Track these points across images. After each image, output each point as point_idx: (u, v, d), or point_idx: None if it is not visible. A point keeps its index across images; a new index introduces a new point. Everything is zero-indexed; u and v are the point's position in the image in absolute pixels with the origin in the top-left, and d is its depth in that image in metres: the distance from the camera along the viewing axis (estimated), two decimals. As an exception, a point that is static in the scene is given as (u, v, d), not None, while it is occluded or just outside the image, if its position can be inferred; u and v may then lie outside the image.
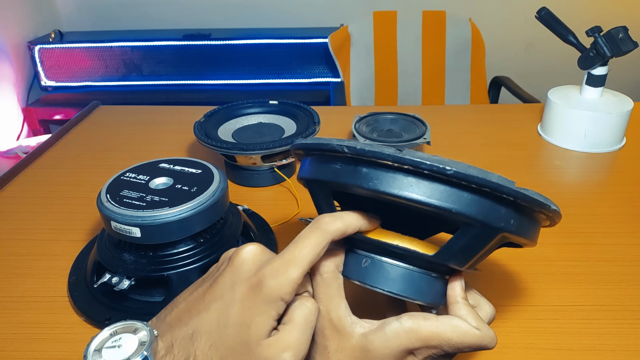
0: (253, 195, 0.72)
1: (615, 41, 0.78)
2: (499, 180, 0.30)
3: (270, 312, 0.31)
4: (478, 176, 0.29)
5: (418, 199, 0.31)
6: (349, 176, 0.33)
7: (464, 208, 0.31)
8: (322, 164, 0.35)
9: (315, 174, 0.36)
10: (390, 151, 0.30)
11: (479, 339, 0.33)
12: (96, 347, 0.31)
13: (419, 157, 0.30)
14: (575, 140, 0.84)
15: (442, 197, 0.31)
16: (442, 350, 0.33)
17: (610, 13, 2.04)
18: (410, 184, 0.31)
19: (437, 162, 0.29)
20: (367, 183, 0.32)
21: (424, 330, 0.33)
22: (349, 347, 0.34)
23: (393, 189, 0.31)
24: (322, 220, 0.33)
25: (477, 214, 0.31)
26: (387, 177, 0.31)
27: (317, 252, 0.32)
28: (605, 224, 0.64)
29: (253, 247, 0.33)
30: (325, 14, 2.07)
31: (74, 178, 0.78)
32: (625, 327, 0.49)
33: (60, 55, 1.90)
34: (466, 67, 1.59)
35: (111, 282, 0.49)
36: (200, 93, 1.92)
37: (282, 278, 0.31)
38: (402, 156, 0.30)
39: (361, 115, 0.81)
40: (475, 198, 0.31)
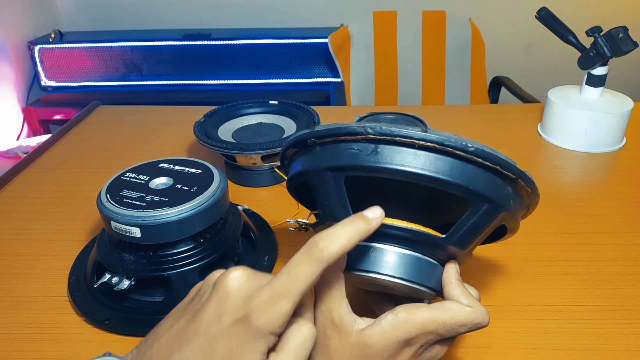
0: (253, 195, 0.72)
1: (615, 41, 0.78)
2: (507, 159, 0.32)
3: (259, 347, 0.29)
4: (493, 154, 0.31)
5: (440, 177, 0.32)
6: (369, 159, 0.32)
7: (479, 186, 0.32)
8: (333, 150, 0.34)
9: (327, 162, 0.34)
10: (415, 131, 0.31)
11: (471, 316, 0.34)
12: None
13: (442, 135, 0.30)
14: (575, 140, 0.84)
15: (462, 176, 0.32)
16: (439, 335, 0.34)
17: (610, 13, 2.04)
18: (432, 164, 0.32)
19: (460, 140, 0.31)
20: (390, 164, 0.32)
21: (418, 317, 0.33)
22: (349, 345, 0.34)
23: (416, 168, 0.32)
24: (316, 247, 0.29)
25: (489, 192, 0.32)
26: (410, 156, 0.32)
27: (310, 282, 0.29)
28: (605, 224, 0.64)
29: (238, 275, 0.29)
30: (325, 14, 2.07)
31: (74, 178, 0.78)
32: (625, 327, 0.49)
33: (60, 55, 1.90)
34: (466, 67, 1.59)
35: (111, 282, 0.49)
36: (200, 93, 1.92)
37: (271, 312, 0.28)
38: (428, 135, 0.30)
39: (361, 115, 0.81)
40: (488, 176, 0.33)
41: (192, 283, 0.49)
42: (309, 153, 0.37)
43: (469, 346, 0.47)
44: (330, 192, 0.36)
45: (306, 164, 0.37)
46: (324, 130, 0.34)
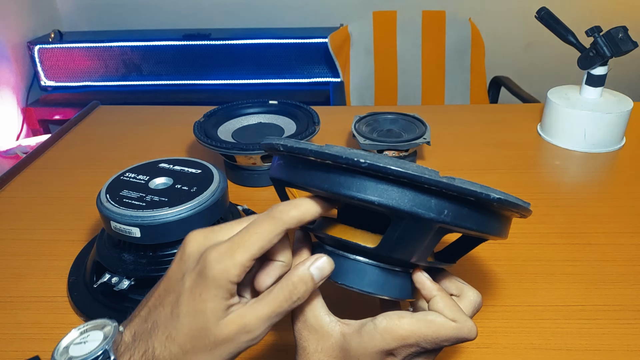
0: (253, 195, 0.72)
1: (615, 41, 0.78)
2: (417, 171, 0.29)
3: (220, 294, 0.31)
4: (393, 167, 0.29)
5: (346, 193, 0.31)
6: (287, 173, 0.34)
7: (386, 200, 0.30)
8: (278, 163, 0.36)
9: (273, 172, 0.37)
10: (313, 147, 0.31)
11: (455, 331, 0.33)
12: (65, 345, 0.33)
13: (336, 152, 0.30)
14: (575, 140, 0.84)
15: (367, 190, 0.31)
16: (421, 347, 0.33)
17: (610, 13, 2.04)
18: (337, 179, 0.31)
19: (353, 155, 0.29)
20: (302, 179, 0.33)
21: (399, 329, 0.32)
22: (329, 347, 0.34)
23: (323, 183, 0.32)
24: (276, 209, 0.32)
25: (402, 206, 0.30)
26: (317, 174, 0.32)
27: (268, 238, 0.31)
28: (605, 224, 0.64)
29: (195, 234, 0.33)
30: (325, 14, 2.07)
31: (74, 178, 0.78)
32: (625, 327, 0.49)
33: (59, 55, 1.90)
34: (466, 67, 1.59)
35: (111, 282, 0.49)
36: (200, 93, 1.92)
37: (228, 262, 0.30)
38: (322, 150, 0.30)
39: (361, 115, 0.81)
40: (398, 190, 0.30)
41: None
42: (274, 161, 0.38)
43: (469, 346, 0.47)
44: (281, 196, 0.38)
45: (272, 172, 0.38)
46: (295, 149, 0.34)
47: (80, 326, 0.34)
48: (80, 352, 0.31)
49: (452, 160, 0.82)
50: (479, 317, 0.50)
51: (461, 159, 0.82)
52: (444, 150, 0.84)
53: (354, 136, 0.75)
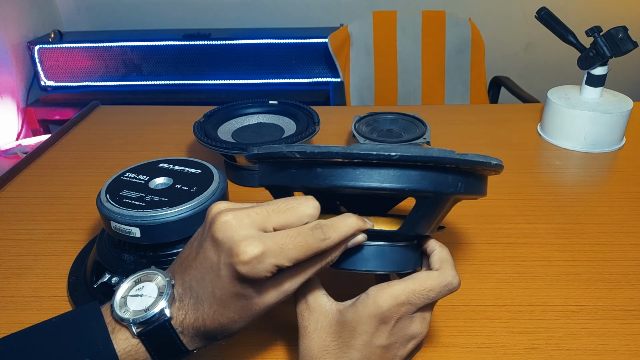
0: (253, 195, 0.72)
1: (615, 41, 0.78)
2: (440, 153, 0.33)
3: (259, 282, 0.33)
4: (420, 154, 0.32)
5: (374, 186, 0.33)
6: (305, 178, 0.35)
7: (415, 184, 0.34)
8: (278, 169, 0.37)
9: (275, 180, 0.37)
10: (338, 149, 0.32)
11: (438, 278, 0.36)
12: (122, 295, 0.35)
13: (365, 150, 0.32)
14: (575, 140, 0.84)
15: (394, 179, 0.33)
16: (411, 304, 0.35)
17: (610, 13, 2.04)
18: (363, 174, 0.33)
19: (383, 151, 0.32)
20: (324, 181, 0.34)
21: (388, 290, 0.35)
22: (327, 324, 0.36)
23: (348, 181, 0.33)
24: (321, 233, 0.33)
25: (428, 186, 0.34)
26: (341, 172, 0.34)
27: (307, 254, 0.32)
28: (605, 224, 0.64)
29: (227, 216, 0.32)
30: (325, 14, 2.07)
31: (74, 178, 0.78)
32: (625, 327, 0.49)
33: (59, 55, 1.90)
34: (466, 67, 1.59)
35: (111, 282, 0.49)
36: (200, 93, 1.92)
37: (266, 264, 0.31)
38: (350, 151, 0.32)
39: (361, 115, 0.81)
40: (422, 173, 0.34)
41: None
42: (262, 167, 0.39)
43: (469, 346, 0.47)
44: None
45: (260, 178, 0.40)
46: (263, 154, 0.37)
47: (133, 276, 0.36)
48: (139, 306, 0.34)
49: (452, 160, 0.82)
50: (479, 317, 0.50)
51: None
52: (444, 150, 0.84)
53: (354, 136, 0.75)
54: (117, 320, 0.34)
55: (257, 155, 0.37)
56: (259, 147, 0.37)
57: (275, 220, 0.33)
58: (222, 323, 0.34)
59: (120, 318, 0.34)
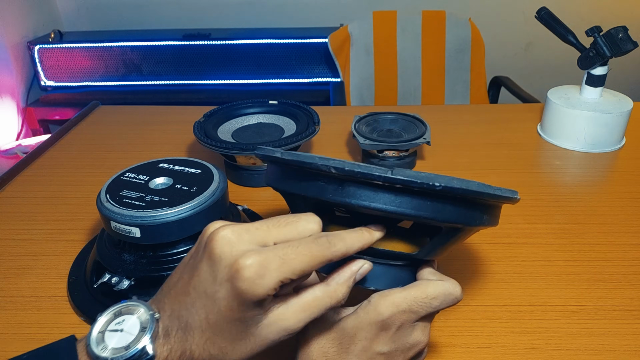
0: (253, 195, 0.72)
1: (615, 41, 0.78)
2: (480, 188, 0.32)
3: (259, 306, 0.30)
4: (462, 187, 0.31)
5: (408, 213, 0.32)
6: (335, 194, 0.33)
7: (450, 216, 0.33)
8: (303, 178, 0.35)
9: (295, 188, 0.35)
10: (379, 171, 0.31)
11: (441, 287, 0.35)
12: (100, 330, 0.32)
13: (408, 176, 0.31)
14: (575, 140, 0.84)
15: (431, 209, 0.33)
16: (413, 312, 0.34)
17: (610, 13, 2.04)
18: (400, 201, 0.32)
19: (427, 180, 0.31)
20: (357, 200, 0.33)
21: (390, 297, 0.34)
22: (326, 331, 0.35)
23: (383, 204, 0.32)
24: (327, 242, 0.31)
25: (462, 219, 0.34)
26: (376, 195, 0.32)
27: (312, 265, 0.30)
28: (605, 224, 0.64)
29: (226, 232, 0.30)
30: (325, 14, 2.07)
31: (74, 178, 0.78)
32: (625, 327, 0.49)
33: (59, 55, 1.90)
34: (466, 67, 1.59)
35: (111, 282, 0.49)
36: (200, 93, 1.92)
37: (267, 280, 0.29)
38: (394, 176, 0.31)
39: (361, 115, 0.81)
40: (459, 206, 0.33)
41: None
42: (279, 170, 0.37)
43: (469, 346, 0.47)
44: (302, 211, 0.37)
45: (278, 183, 0.37)
46: (290, 161, 0.34)
47: (112, 308, 0.33)
48: (118, 343, 0.31)
49: (452, 160, 0.82)
50: (479, 317, 0.50)
51: (461, 159, 0.82)
52: (444, 150, 0.84)
53: (354, 136, 0.75)
54: (93, 358, 0.31)
55: (282, 160, 0.35)
56: (282, 150, 0.35)
57: (276, 235, 0.31)
58: (212, 354, 0.31)
59: (96, 356, 0.30)
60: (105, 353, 0.30)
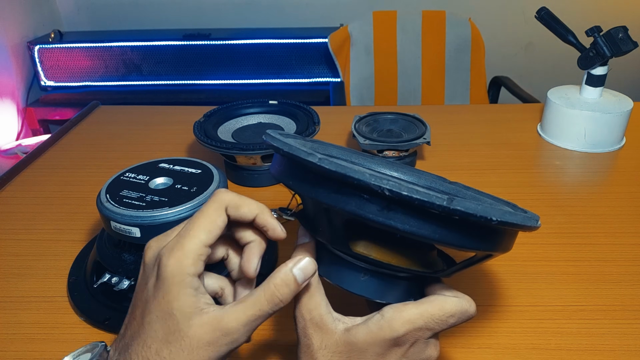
0: (253, 195, 0.72)
1: (615, 41, 0.78)
2: (525, 222, 0.31)
3: (183, 291, 0.30)
4: (517, 223, 0.31)
5: (454, 242, 0.31)
6: (379, 214, 0.30)
7: (491, 247, 0.32)
8: (339, 190, 0.31)
9: (330, 200, 0.31)
10: (439, 200, 0.28)
11: (458, 304, 0.34)
12: None
13: (468, 209, 0.29)
14: (575, 140, 0.84)
15: (476, 239, 0.32)
16: (429, 329, 0.33)
17: (610, 13, 2.04)
18: (448, 230, 0.30)
19: (483, 213, 0.29)
20: (403, 225, 0.30)
21: (406, 314, 0.33)
22: (333, 343, 0.34)
23: (430, 233, 0.30)
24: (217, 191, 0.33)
25: (500, 249, 0.33)
26: (425, 223, 0.30)
27: (211, 219, 0.32)
28: (605, 224, 0.64)
29: (151, 242, 0.33)
30: (325, 14, 2.07)
31: (74, 178, 0.78)
32: (625, 327, 0.49)
33: (59, 55, 1.90)
34: (466, 67, 1.59)
35: (111, 282, 0.49)
36: (200, 93, 1.92)
37: (178, 254, 0.30)
38: (454, 207, 0.28)
39: (361, 115, 0.81)
40: (502, 236, 0.33)
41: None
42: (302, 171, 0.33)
43: (470, 346, 0.47)
44: (325, 223, 0.34)
45: (301, 187, 0.34)
46: (330, 171, 0.30)
47: (74, 352, 0.34)
48: None
49: (452, 160, 0.82)
50: (479, 317, 0.50)
51: (461, 159, 0.82)
52: (444, 150, 0.84)
53: (354, 136, 0.75)
54: None
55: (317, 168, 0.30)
56: (321, 155, 0.30)
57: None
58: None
59: None
60: None
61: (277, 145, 0.34)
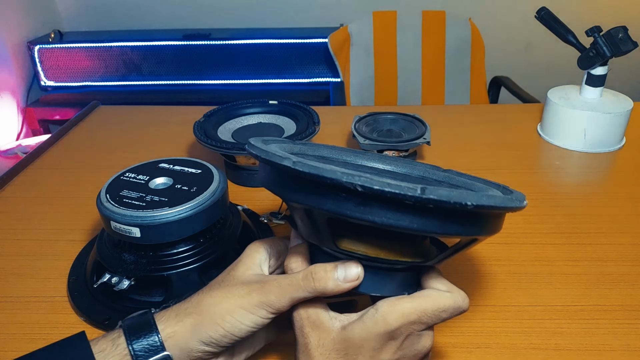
0: (253, 195, 0.72)
1: (614, 41, 0.78)
2: (507, 203, 0.31)
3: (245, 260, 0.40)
4: (494, 205, 0.30)
5: (436, 231, 0.31)
6: (356, 210, 0.30)
7: (475, 231, 0.32)
8: (316, 190, 0.31)
9: (310, 201, 0.32)
10: (410, 191, 0.29)
11: (451, 299, 0.35)
12: None
13: (441, 196, 0.29)
14: (575, 140, 0.84)
15: (457, 226, 0.31)
16: (422, 323, 0.34)
17: (610, 13, 2.04)
18: (426, 219, 0.30)
19: (459, 199, 0.29)
20: (381, 219, 0.30)
21: (399, 308, 0.34)
22: (330, 341, 0.34)
23: (409, 223, 0.30)
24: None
25: (485, 232, 0.33)
26: (404, 215, 0.30)
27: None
28: (605, 224, 0.64)
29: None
30: (325, 14, 2.07)
31: (74, 178, 0.78)
32: (625, 327, 0.49)
33: (59, 55, 1.90)
34: (466, 67, 1.59)
35: (111, 282, 0.49)
36: (200, 93, 1.92)
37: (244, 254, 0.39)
38: (427, 196, 0.28)
39: (361, 115, 0.81)
40: (485, 220, 0.33)
41: (191, 283, 0.50)
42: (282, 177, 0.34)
43: (469, 346, 0.47)
44: (309, 224, 0.35)
45: (283, 192, 0.34)
46: (304, 173, 0.30)
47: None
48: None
49: (452, 160, 0.82)
50: (479, 317, 0.50)
51: (461, 159, 0.82)
52: (444, 150, 0.84)
53: (354, 136, 0.75)
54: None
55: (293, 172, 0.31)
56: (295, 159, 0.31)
57: None
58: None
59: None
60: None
61: (255, 152, 0.35)
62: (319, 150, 0.45)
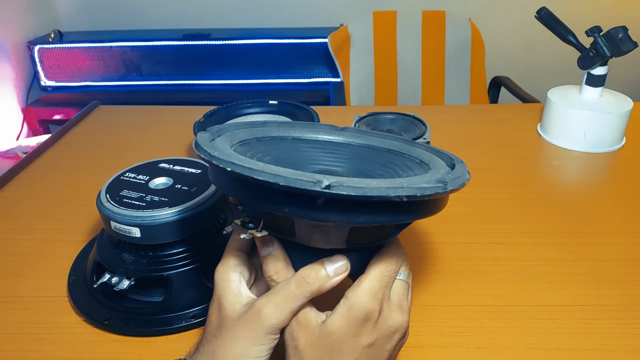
0: (253, 195, 0.72)
1: (615, 41, 0.78)
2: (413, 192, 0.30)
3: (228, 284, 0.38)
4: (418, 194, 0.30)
5: (362, 221, 0.31)
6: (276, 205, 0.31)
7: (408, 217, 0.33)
8: (249, 187, 0.32)
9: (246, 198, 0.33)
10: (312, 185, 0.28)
11: (386, 253, 0.37)
12: None
13: (348, 191, 0.29)
14: (575, 140, 0.84)
15: (382, 215, 0.32)
16: (386, 287, 0.36)
17: (610, 13, 2.04)
18: (349, 212, 0.31)
19: (362, 192, 0.29)
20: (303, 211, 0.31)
21: (363, 286, 0.35)
22: (316, 339, 0.35)
23: (335, 218, 0.31)
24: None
25: (415, 217, 0.34)
26: (325, 212, 0.31)
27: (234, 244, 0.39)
28: (605, 224, 0.64)
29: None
30: (325, 14, 2.07)
31: (74, 178, 0.78)
32: (625, 327, 0.49)
33: (59, 55, 1.90)
34: (466, 67, 1.59)
35: (111, 282, 0.49)
36: (200, 93, 1.92)
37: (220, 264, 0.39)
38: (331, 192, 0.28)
39: (361, 115, 0.81)
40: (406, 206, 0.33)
41: (191, 283, 0.50)
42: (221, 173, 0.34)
43: (469, 346, 0.47)
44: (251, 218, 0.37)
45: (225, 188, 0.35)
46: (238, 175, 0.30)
47: None
48: None
49: (452, 160, 0.82)
50: (479, 317, 0.50)
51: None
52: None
53: (354, 136, 0.75)
54: None
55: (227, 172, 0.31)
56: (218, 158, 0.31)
57: None
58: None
59: None
60: None
61: (201, 154, 0.33)
62: (269, 131, 0.44)
